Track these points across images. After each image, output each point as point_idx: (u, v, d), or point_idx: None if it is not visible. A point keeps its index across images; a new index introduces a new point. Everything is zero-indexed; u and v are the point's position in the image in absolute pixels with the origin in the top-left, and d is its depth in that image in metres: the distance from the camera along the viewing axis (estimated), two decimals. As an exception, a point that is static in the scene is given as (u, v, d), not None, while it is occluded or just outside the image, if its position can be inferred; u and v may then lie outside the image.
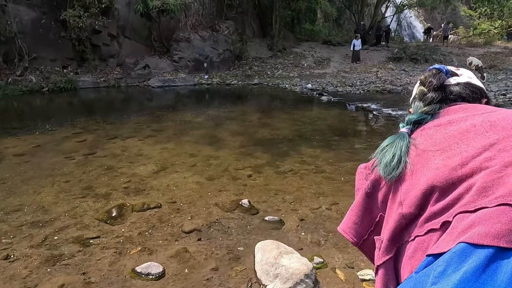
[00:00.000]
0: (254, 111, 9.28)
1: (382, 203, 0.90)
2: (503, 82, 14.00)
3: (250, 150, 5.59)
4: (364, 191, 0.94)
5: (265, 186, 4.14)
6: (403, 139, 0.89)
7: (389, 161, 0.87)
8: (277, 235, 3.03)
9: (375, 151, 0.94)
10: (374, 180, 0.92)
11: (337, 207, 3.58)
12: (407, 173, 0.84)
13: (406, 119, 0.98)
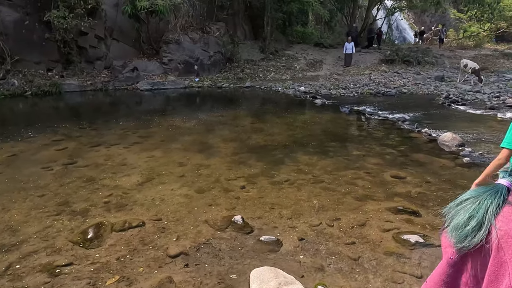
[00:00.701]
0: (247, 115, 8.95)
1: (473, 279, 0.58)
2: (495, 84, 13.94)
3: (243, 158, 5.25)
4: (446, 260, 0.62)
5: (259, 199, 3.81)
6: (496, 196, 0.58)
7: (463, 224, 0.58)
8: (275, 258, 2.70)
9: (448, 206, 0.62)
10: None
11: (339, 223, 3.26)
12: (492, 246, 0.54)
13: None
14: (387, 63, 17.90)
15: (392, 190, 4.04)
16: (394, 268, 2.58)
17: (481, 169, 4.72)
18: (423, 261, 2.66)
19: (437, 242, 2.93)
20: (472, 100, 10.85)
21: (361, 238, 2.99)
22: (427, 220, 3.33)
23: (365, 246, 2.87)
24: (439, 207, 3.58)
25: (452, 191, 4.03)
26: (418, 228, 3.17)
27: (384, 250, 2.82)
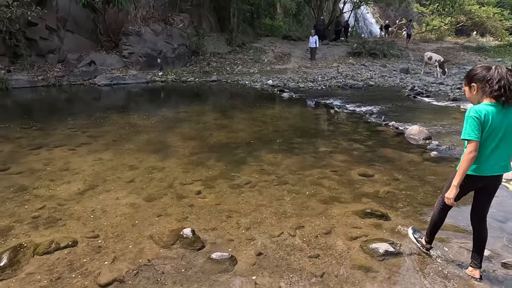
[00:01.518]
0: (211, 110, 8.48)
1: None
2: (457, 76, 14.25)
3: (202, 158, 4.82)
4: None
5: (216, 206, 3.40)
6: None
7: None
8: (227, 281, 2.31)
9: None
10: None
11: (303, 232, 2.93)
12: None
13: None
14: (354, 56, 17.93)
15: (359, 190, 3.77)
16: (362, 285, 2.28)
17: (449, 163, 4.57)
18: (393, 275, 2.37)
19: (408, 250, 2.66)
20: (436, 92, 10.96)
21: (326, 249, 2.67)
22: (396, 223, 3.07)
23: (331, 259, 2.55)
24: (408, 208, 3.34)
25: (421, 188, 3.83)
26: (387, 234, 2.90)
27: (351, 263, 2.51)
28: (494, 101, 1.99)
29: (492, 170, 2.07)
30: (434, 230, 2.50)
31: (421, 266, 2.48)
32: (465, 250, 2.65)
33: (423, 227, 2.98)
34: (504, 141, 2.03)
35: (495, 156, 2.04)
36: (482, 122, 1.98)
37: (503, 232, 2.92)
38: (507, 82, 1.94)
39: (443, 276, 2.37)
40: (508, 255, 2.56)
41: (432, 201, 3.42)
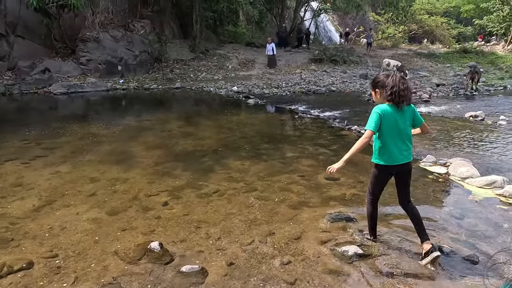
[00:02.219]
0: (176, 118, 8.31)
1: None
2: (412, 81, 15.08)
3: (168, 168, 4.69)
4: None
5: (184, 217, 3.31)
6: None
7: None
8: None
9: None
10: None
11: (273, 239, 2.92)
12: None
13: None
14: (316, 62, 18.43)
15: (327, 194, 3.84)
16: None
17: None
18: (362, 278, 2.42)
19: (376, 251, 2.73)
20: (393, 97, 11.49)
21: (298, 255, 2.68)
22: (363, 225, 3.14)
23: (302, 265, 2.55)
24: (374, 209, 3.43)
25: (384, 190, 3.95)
26: (355, 236, 2.96)
27: (323, 267, 2.53)
28: (390, 103, 2.40)
29: (397, 160, 2.48)
30: (373, 223, 2.78)
31: (389, 265, 2.55)
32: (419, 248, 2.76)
33: (388, 227, 3.08)
34: (402, 135, 2.47)
35: (397, 148, 2.46)
36: (382, 118, 2.39)
37: (461, 229, 3.08)
38: (398, 89, 2.35)
39: (412, 274, 2.45)
40: (468, 251, 2.70)
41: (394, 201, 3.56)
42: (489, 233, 3.00)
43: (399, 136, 2.46)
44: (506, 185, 3.82)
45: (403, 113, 2.46)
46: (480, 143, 5.98)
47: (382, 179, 2.62)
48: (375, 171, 2.59)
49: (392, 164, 2.50)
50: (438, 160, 4.85)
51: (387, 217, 3.28)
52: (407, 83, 2.43)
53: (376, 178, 2.60)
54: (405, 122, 2.47)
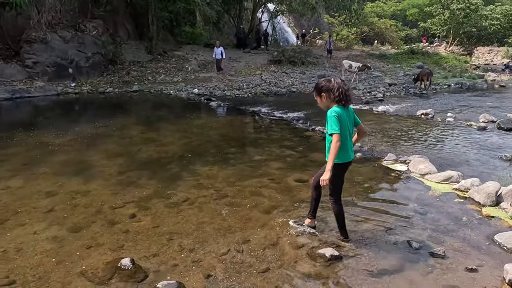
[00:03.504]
0: (136, 123, 7.98)
1: None
2: (366, 81, 15.79)
3: (132, 177, 4.48)
4: None
5: (154, 229, 3.17)
6: None
7: None
8: (177, 312, 2.15)
9: None
10: None
11: (249, 246, 2.88)
12: None
13: None
14: (276, 64, 18.66)
15: (298, 196, 3.87)
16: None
17: (372, 163, 4.98)
18: (340, 280, 2.46)
19: (350, 252, 2.79)
20: (351, 96, 11.94)
21: (275, 262, 2.67)
22: (336, 227, 3.20)
23: (281, 272, 2.54)
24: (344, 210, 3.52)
25: (351, 189, 4.08)
26: (330, 237, 3.00)
27: (301, 272, 2.54)
28: (338, 104, 2.60)
29: (351, 156, 2.74)
30: (315, 205, 3.02)
31: (366, 264, 2.62)
32: (391, 245, 2.88)
33: (359, 225, 3.17)
34: (350, 134, 2.72)
35: (349, 146, 2.71)
36: (339, 120, 2.54)
37: (426, 224, 3.25)
38: (343, 90, 2.59)
39: (387, 271, 2.54)
40: (435, 245, 2.85)
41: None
42: (451, 227, 3.19)
43: (349, 134, 2.70)
44: (461, 180, 4.10)
45: (349, 113, 2.70)
46: (434, 140, 6.39)
47: (342, 177, 2.79)
48: (335, 171, 2.61)
49: (348, 161, 2.72)
50: (398, 158, 5.09)
51: (359, 217, 3.37)
52: (347, 85, 2.68)
53: (336, 177, 2.68)
54: (351, 121, 2.72)
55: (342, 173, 2.77)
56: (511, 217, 3.30)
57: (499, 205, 3.52)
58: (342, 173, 2.76)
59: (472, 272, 2.52)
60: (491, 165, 4.97)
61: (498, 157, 5.30)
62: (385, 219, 3.33)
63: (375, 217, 3.38)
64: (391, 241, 2.95)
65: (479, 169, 4.77)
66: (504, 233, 2.95)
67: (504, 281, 2.40)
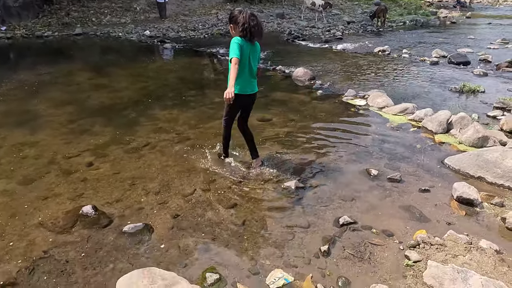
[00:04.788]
0: (83, 69, 7.34)
1: None
2: (325, 19, 15.51)
3: (85, 125, 4.19)
4: None
5: (115, 176, 3.04)
6: None
7: None
8: (147, 252, 2.13)
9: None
10: None
11: (216, 185, 2.87)
12: None
13: None
14: (232, 2, 17.60)
15: (262, 135, 3.86)
16: (281, 223, 2.39)
17: (333, 100, 5.04)
18: (306, 208, 2.55)
19: (314, 183, 2.88)
20: (310, 35, 11.74)
21: (243, 197, 2.69)
22: (300, 159, 3.27)
23: (249, 206, 2.58)
24: (306, 145, 3.58)
25: (314, 124, 4.14)
26: (294, 171, 3.07)
27: (268, 205, 2.60)
28: (243, 37, 2.57)
29: (247, 90, 2.74)
30: (226, 144, 3.13)
31: (329, 193, 2.73)
32: (351, 174, 3.02)
33: (321, 157, 3.25)
34: (252, 69, 2.71)
35: (247, 79, 2.71)
36: (241, 48, 2.54)
37: (383, 153, 3.41)
38: (248, 25, 2.55)
39: (348, 197, 2.66)
40: (392, 171, 3.02)
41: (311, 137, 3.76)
42: (406, 154, 3.37)
43: (249, 69, 2.69)
44: (416, 111, 4.28)
45: (255, 48, 2.70)
46: (390, 75, 6.54)
47: (237, 108, 2.83)
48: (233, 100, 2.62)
49: (245, 94, 2.73)
50: (357, 94, 5.18)
51: (321, 149, 3.46)
52: (257, 19, 2.60)
53: (232, 105, 2.71)
54: (255, 57, 2.72)
55: (240, 105, 2.80)
56: (459, 142, 3.54)
57: (449, 132, 3.75)
58: (239, 104, 2.78)
59: (425, 193, 2.72)
60: (442, 97, 5.23)
61: (449, 89, 5.57)
62: (346, 151, 3.45)
63: (337, 149, 3.48)
64: (351, 171, 3.08)
65: (431, 101, 5.00)
66: (453, 157, 3.17)
67: (452, 198, 2.62)
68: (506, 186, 2.73)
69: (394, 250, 2.11)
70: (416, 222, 2.37)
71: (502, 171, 2.76)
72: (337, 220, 2.38)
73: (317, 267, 2.00)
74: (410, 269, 1.94)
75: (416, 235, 2.18)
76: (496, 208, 2.50)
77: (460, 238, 2.08)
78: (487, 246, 2.03)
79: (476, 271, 1.81)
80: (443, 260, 1.91)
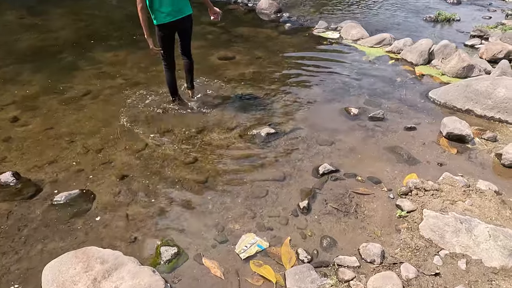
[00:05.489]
0: (9, 8, 6.16)
1: None
2: None
3: (10, 73, 3.45)
4: None
5: (47, 133, 2.49)
6: None
7: None
8: (85, 227, 1.71)
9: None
10: None
11: (171, 137, 2.42)
12: None
13: None
14: None
15: (224, 75, 3.35)
16: (252, 177, 2.02)
17: (303, 33, 4.51)
18: (280, 158, 2.19)
19: (287, 128, 2.50)
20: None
21: (204, 149, 2.27)
22: (269, 103, 2.85)
23: (212, 159, 2.18)
24: (277, 84, 3.15)
25: (283, 61, 3.67)
26: (263, 116, 2.65)
27: (236, 155, 2.21)
28: None
29: (172, 16, 2.41)
30: (173, 87, 2.74)
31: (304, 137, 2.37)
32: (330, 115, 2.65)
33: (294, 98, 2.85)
34: None
35: (168, 3, 2.38)
36: None
37: (362, 89, 3.04)
38: None
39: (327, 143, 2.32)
40: (373, 109, 2.68)
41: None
42: (387, 89, 3.03)
43: None
44: (393, 42, 3.88)
45: None
46: (362, 5, 5.98)
47: (165, 38, 2.53)
48: (158, 32, 2.47)
49: (165, 22, 2.42)
50: (329, 26, 4.66)
51: (292, 87, 3.03)
52: None
53: (161, 40, 2.51)
54: None
55: (166, 34, 2.50)
56: (442, 73, 3.23)
57: (430, 63, 3.43)
58: (165, 33, 2.49)
59: (411, 131, 2.43)
60: (418, 26, 4.85)
61: (423, 18, 5.18)
62: (321, 89, 3.05)
63: (311, 88, 3.08)
64: (329, 111, 2.71)
65: (407, 31, 4.60)
66: (438, 89, 2.87)
67: (441, 135, 2.34)
68: (497, 119, 2.49)
69: (383, 199, 1.82)
70: (404, 165, 2.09)
71: (493, 102, 2.49)
72: (316, 169, 2.05)
73: (296, 227, 1.68)
74: (403, 221, 1.67)
75: (406, 180, 1.90)
76: (489, 144, 2.26)
77: (457, 181, 1.81)
78: (486, 187, 1.79)
79: (480, 218, 1.56)
80: (441, 208, 1.65)
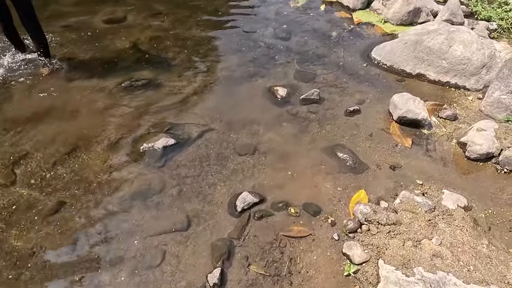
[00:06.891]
0: None
1: None
2: None
3: None
4: None
5: None
6: None
7: None
8: None
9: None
10: None
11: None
12: None
13: None
14: None
15: (111, 46, 2.46)
16: (141, 231, 1.39)
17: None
18: (181, 183, 1.55)
19: (194, 132, 1.82)
20: None
21: (53, 189, 1.55)
22: (173, 93, 2.10)
23: (73, 205, 1.48)
24: (183, 56, 2.38)
25: (190, 19, 2.82)
26: (162, 116, 1.93)
27: (111, 193, 1.52)
28: None
29: None
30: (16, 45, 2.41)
31: (217, 147, 1.73)
32: (251, 98, 2.01)
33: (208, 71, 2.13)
34: None
35: None
36: None
37: (291, 53, 2.38)
38: None
39: (244, 149, 1.71)
40: (306, 86, 2.06)
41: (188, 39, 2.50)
42: (321, 51, 2.39)
43: None
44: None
45: None
46: None
47: None
48: None
49: None
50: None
51: (208, 56, 2.28)
52: None
53: None
54: None
55: None
56: (384, 20, 2.64)
57: (370, 6, 2.80)
58: None
59: (354, 115, 1.88)
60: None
61: None
62: (240, 58, 2.33)
63: (225, 57, 2.35)
64: (249, 93, 2.05)
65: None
66: (382, 46, 2.30)
67: (391, 118, 1.83)
68: (453, 84, 2.02)
69: (325, 243, 1.32)
70: (349, 175, 1.57)
71: (448, 63, 1.99)
72: (233, 204, 1.45)
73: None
74: (355, 283, 1.18)
75: (354, 206, 1.40)
76: (448, 124, 1.80)
77: (418, 205, 1.34)
78: (454, 205, 1.35)
79: (454, 270, 1.12)
80: (403, 260, 1.18)
